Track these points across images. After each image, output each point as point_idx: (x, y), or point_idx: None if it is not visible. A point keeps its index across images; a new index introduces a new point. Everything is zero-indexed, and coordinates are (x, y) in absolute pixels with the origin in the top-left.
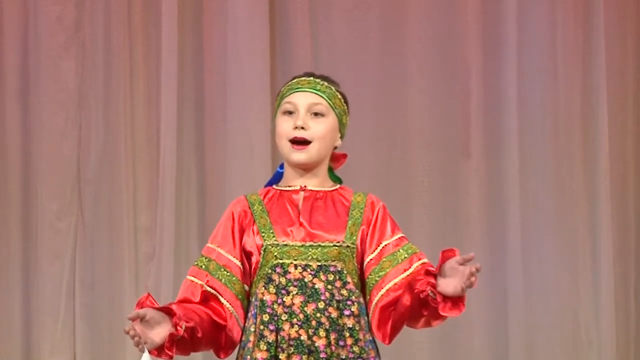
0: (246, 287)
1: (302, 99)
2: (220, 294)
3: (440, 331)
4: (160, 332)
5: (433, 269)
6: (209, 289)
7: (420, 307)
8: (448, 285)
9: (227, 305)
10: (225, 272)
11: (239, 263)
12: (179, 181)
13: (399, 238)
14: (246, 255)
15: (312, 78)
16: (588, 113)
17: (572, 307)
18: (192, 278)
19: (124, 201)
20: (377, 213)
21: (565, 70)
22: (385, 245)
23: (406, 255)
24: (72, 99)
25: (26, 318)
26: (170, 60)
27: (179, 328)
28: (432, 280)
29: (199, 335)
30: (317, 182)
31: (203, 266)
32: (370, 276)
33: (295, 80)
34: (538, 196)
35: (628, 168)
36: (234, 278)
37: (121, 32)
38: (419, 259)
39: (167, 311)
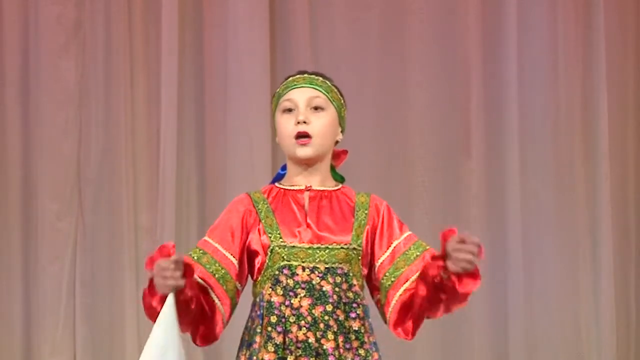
0: (238, 286)
1: (301, 95)
2: (212, 288)
3: (440, 331)
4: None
5: (438, 253)
6: (200, 280)
7: (437, 292)
8: (456, 263)
9: (216, 300)
10: (220, 268)
11: (235, 262)
12: (180, 181)
13: (408, 236)
14: (251, 253)
15: (306, 75)
16: (588, 113)
17: (572, 307)
18: None
19: (124, 201)
20: (383, 213)
21: (566, 71)
22: (396, 245)
23: (418, 254)
24: (72, 99)
25: (26, 318)
26: (171, 60)
27: (191, 287)
28: (441, 263)
29: (192, 307)
30: (321, 180)
31: (195, 257)
32: (385, 277)
33: (290, 79)
34: (538, 196)
35: (628, 168)
36: (228, 276)
37: (121, 31)
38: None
39: (186, 267)
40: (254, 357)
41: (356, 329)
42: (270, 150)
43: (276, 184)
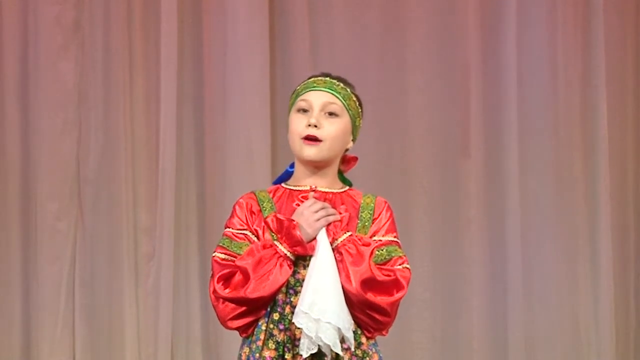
0: None
1: (317, 98)
2: None
3: (440, 331)
4: None
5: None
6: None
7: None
8: None
9: None
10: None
11: None
12: (179, 181)
13: (389, 241)
14: None
15: (328, 78)
16: (587, 113)
17: (571, 307)
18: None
19: (124, 201)
20: (382, 212)
21: (565, 70)
22: (375, 240)
23: (387, 257)
24: (71, 99)
25: (26, 318)
26: (170, 59)
27: None
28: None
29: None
30: (327, 183)
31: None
32: None
33: (311, 80)
34: (537, 196)
35: (627, 167)
36: None
37: (120, 32)
38: (401, 264)
39: None
40: (257, 355)
41: (353, 329)
42: (269, 150)
43: (282, 184)
